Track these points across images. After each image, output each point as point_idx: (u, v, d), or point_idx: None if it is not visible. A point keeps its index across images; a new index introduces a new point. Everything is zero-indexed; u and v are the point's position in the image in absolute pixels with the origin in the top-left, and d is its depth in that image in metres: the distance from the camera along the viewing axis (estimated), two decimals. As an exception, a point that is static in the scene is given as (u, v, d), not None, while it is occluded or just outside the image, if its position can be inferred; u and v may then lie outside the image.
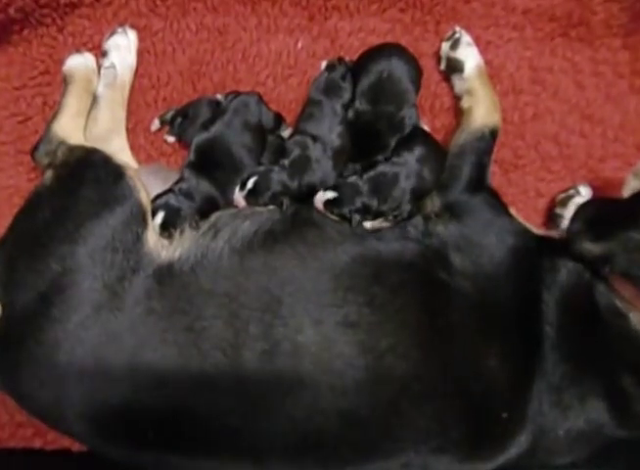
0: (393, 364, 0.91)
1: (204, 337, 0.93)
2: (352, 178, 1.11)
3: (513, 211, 1.13)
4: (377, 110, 1.17)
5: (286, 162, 1.14)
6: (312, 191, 1.12)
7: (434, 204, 1.10)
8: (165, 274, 0.98)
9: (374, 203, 1.08)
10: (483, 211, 1.07)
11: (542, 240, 1.06)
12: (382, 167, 1.12)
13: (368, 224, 1.08)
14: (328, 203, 1.08)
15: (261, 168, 1.14)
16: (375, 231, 1.07)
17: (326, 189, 1.09)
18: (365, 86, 1.19)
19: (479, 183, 1.12)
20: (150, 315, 0.94)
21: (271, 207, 1.12)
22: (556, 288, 0.97)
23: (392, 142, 1.17)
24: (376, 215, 1.09)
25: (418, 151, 1.13)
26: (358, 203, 1.07)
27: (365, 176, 1.11)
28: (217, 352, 0.92)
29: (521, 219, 1.11)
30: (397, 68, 1.19)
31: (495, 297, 0.97)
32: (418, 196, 1.10)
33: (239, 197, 1.12)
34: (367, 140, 1.18)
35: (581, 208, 1.07)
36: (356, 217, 1.06)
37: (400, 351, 0.92)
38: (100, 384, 0.94)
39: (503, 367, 0.93)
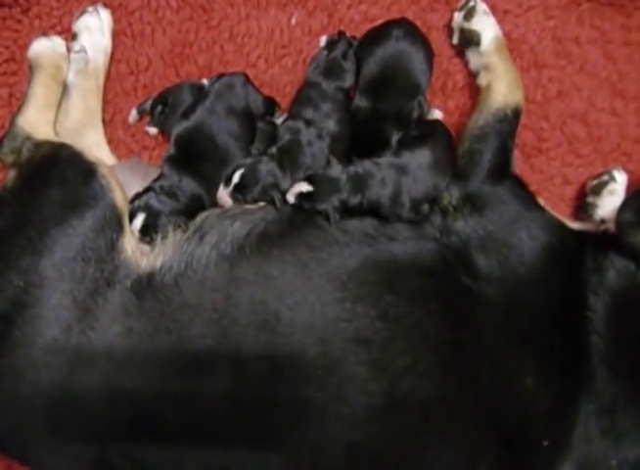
0: (412, 387, 0.81)
1: (190, 359, 0.82)
2: (335, 171, 0.97)
3: (541, 201, 1.01)
4: (381, 108, 1.05)
5: (274, 149, 1.01)
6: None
7: (451, 195, 0.97)
8: (145, 287, 0.87)
9: (355, 200, 0.94)
10: (510, 202, 0.95)
11: (580, 235, 0.93)
12: (368, 166, 0.97)
13: None
14: (301, 196, 0.95)
15: (248, 160, 1.02)
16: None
17: (302, 180, 0.97)
18: (366, 81, 1.07)
19: (503, 170, 1.00)
20: (128, 335, 0.84)
21: (263, 204, 0.99)
22: (604, 291, 0.86)
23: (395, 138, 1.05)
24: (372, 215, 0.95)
25: (423, 155, 0.98)
26: (335, 201, 0.94)
27: (351, 169, 0.96)
28: (206, 376, 0.81)
29: (552, 212, 0.97)
30: (405, 58, 1.06)
31: (529, 304, 0.86)
32: (415, 204, 0.95)
33: (224, 194, 0.99)
34: (368, 138, 1.05)
35: (633, 195, 0.93)
36: (335, 216, 0.93)
37: (420, 371, 0.81)
38: (70, 417, 0.83)
39: (542, 387, 0.82)
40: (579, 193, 1.20)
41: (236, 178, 0.97)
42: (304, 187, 0.95)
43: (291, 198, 0.96)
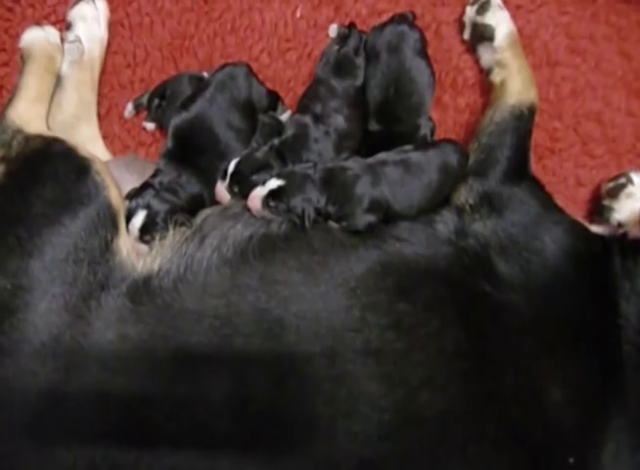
0: (428, 402, 0.75)
1: (189, 369, 0.77)
2: (305, 166, 0.90)
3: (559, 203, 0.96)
4: (396, 129, 1.02)
5: (276, 141, 0.96)
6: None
7: (468, 192, 0.93)
8: (142, 291, 0.82)
9: (322, 201, 0.87)
10: (530, 203, 0.91)
11: (604, 239, 0.89)
12: (344, 163, 0.92)
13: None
14: (271, 195, 0.86)
15: (245, 151, 0.96)
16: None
17: (266, 180, 0.88)
18: (372, 105, 1.02)
19: (521, 170, 0.96)
20: (123, 342, 0.79)
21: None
22: (637, 298, 0.81)
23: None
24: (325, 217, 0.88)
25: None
26: (308, 195, 0.86)
27: (320, 167, 0.90)
28: (205, 388, 0.76)
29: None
30: (412, 73, 1.02)
31: (554, 312, 0.82)
32: (377, 209, 0.88)
33: (221, 188, 0.93)
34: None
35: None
36: (310, 213, 0.86)
37: (437, 385, 0.76)
38: (59, 427, 0.77)
39: (569, 400, 0.77)
40: (593, 195, 1.16)
41: (231, 168, 0.91)
42: (274, 183, 0.86)
43: (256, 203, 0.86)
